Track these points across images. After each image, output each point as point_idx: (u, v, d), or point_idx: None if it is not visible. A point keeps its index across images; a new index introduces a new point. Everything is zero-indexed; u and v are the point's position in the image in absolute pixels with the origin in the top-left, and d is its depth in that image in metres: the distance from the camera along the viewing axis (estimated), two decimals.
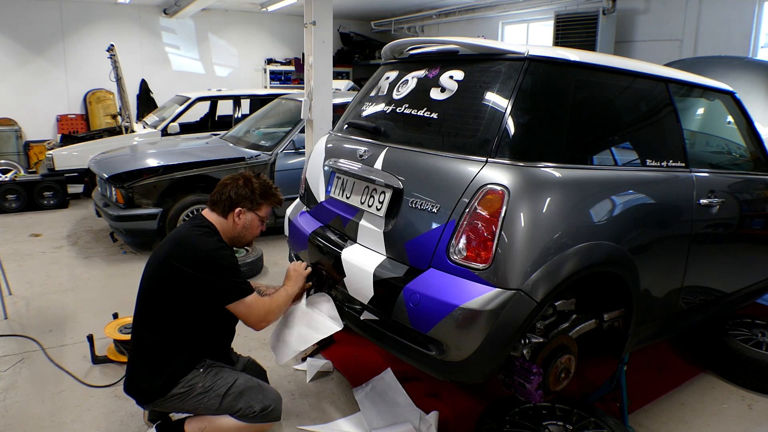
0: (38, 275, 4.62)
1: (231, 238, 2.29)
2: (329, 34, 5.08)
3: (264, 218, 2.37)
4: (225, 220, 2.26)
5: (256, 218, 2.32)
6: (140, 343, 2.21)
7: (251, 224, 2.31)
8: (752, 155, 3.27)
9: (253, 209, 2.29)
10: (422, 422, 2.62)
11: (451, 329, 2.04)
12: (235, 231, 2.28)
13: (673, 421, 2.83)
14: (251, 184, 2.29)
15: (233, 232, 2.28)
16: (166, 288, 2.12)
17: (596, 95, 2.49)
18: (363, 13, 11.30)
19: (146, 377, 2.16)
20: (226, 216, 2.26)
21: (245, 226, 2.29)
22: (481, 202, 2.06)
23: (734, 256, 3.13)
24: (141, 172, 4.96)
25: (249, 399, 2.20)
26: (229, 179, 2.31)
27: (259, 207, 2.31)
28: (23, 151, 9.27)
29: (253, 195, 2.28)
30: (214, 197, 2.28)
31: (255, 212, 2.30)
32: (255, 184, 2.30)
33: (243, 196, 2.26)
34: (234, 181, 2.29)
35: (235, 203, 2.25)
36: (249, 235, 2.33)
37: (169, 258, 2.12)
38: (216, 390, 2.18)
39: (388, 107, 2.71)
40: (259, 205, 2.31)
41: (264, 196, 2.32)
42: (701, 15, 6.47)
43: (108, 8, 10.07)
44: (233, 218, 2.26)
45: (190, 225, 2.25)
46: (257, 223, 2.34)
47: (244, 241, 2.36)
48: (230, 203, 2.25)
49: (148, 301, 2.19)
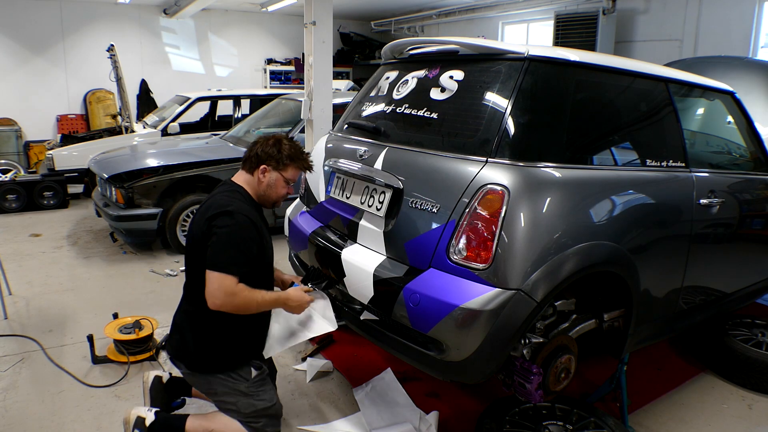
0: (38, 275, 4.62)
1: (258, 196, 2.32)
2: (329, 34, 5.08)
3: (290, 180, 2.36)
4: (251, 176, 2.29)
5: (281, 178, 2.31)
6: (185, 309, 2.28)
7: (276, 183, 2.31)
8: (752, 155, 3.27)
9: (278, 169, 2.29)
10: (422, 422, 2.62)
11: (451, 329, 2.04)
12: (260, 188, 2.30)
13: (673, 421, 2.83)
14: (280, 144, 2.30)
15: (259, 190, 2.31)
16: (197, 252, 2.15)
17: (596, 95, 2.50)
18: (363, 13, 11.30)
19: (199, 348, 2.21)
20: (252, 173, 2.29)
21: (269, 184, 2.30)
22: (481, 202, 2.06)
23: (734, 256, 3.13)
24: (141, 172, 4.96)
25: (267, 423, 2.26)
26: (261, 139, 2.33)
27: (285, 168, 2.30)
28: (23, 151, 9.27)
29: (280, 155, 2.28)
30: (245, 156, 2.32)
31: (280, 172, 2.30)
32: (285, 145, 2.30)
33: (269, 155, 2.27)
34: (265, 141, 2.31)
35: (261, 160, 2.27)
36: (273, 194, 2.33)
37: (198, 219, 2.17)
38: (255, 402, 2.22)
39: (388, 107, 2.71)
40: (285, 166, 2.30)
41: (291, 157, 2.31)
42: (701, 15, 6.47)
43: (108, 8, 10.07)
44: (258, 175, 2.28)
45: (221, 190, 2.28)
46: (282, 183, 2.33)
47: (269, 201, 2.36)
48: (256, 160, 2.28)
49: (190, 269, 2.25)
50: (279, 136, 2.36)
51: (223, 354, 2.21)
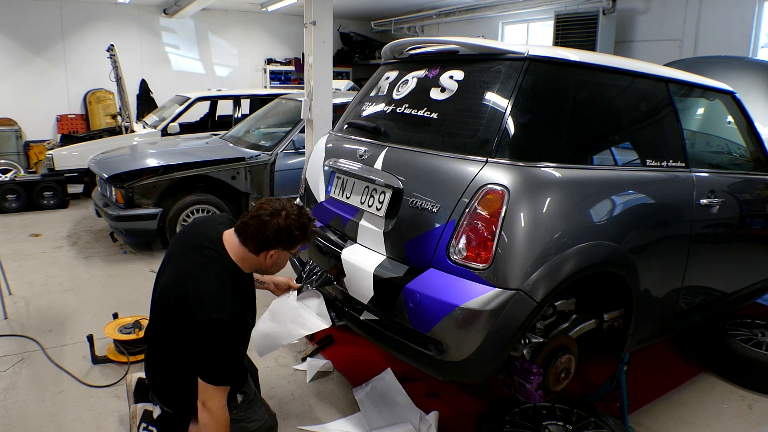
0: (38, 275, 4.62)
1: (256, 270, 2.14)
2: (329, 34, 5.08)
3: (295, 253, 2.19)
4: (256, 257, 2.03)
5: (287, 255, 2.14)
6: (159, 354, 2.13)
7: (282, 261, 2.13)
8: (752, 155, 3.27)
9: (288, 249, 2.08)
10: (422, 422, 2.62)
11: (451, 329, 2.04)
12: (265, 266, 2.10)
13: (673, 421, 2.83)
14: (292, 223, 2.01)
15: (261, 267, 2.10)
16: (174, 318, 2.00)
17: (596, 95, 2.49)
18: (363, 13, 11.30)
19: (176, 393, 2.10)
20: (257, 254, 2.03)
21: (276, 263, 2.11)
22: (481, 202, 2.06)
23: (734, 256, 3.13)
24: (141, 172, 4.96)
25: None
26: (268, 214, 1.99)
27: (294, 247, 2.10)
28: (23, 151, 9.27)
29: (293, 237, 2.03)
30: (249, 232, 1.98)
31: (290, 251, 2.10)
32: (295, 225, 2.02)
33: (282, 240, 2.01)
34: (274, 219, 1.98)
35: (272, 246, 2.01)
36: (276, 270, 2.18)
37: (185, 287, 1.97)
38: (246, 425, 2.18)
39: (388, 107, 2.71)
40: (295, 246, 2.10)
41: (303, 236, 2.07)
42: (701, 15, 6.47)
43: (108, 8, 10.06)
44: (266, 257, 2.04)
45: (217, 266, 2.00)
46: (287, 258, 2.16)
47: (268, 274, 2.22)
48: (267, 245, 2.00)
49: (161, 318, 2.09)
50: (288, 209, 2.03)
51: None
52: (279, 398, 2.90)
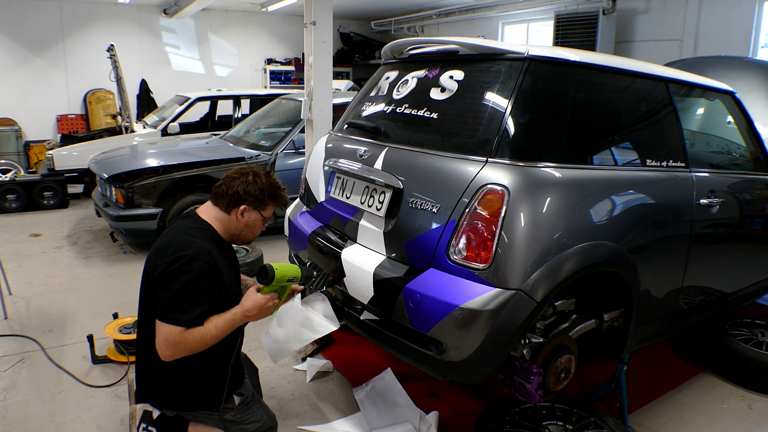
0: (38, 275, 4.62)
1: (231, 235, 2.17)
2: (329, 34, 5.08)
3: (268, 219, 2.25)
4: (227, 215, 2.12)
5: (260, 218, 2.19)
6: (147, 354, 2.07)
7: (254, 223, 2.19)
8: (752, 155, 3.27)
9: (258, 208, 2.15)
10: (422, 422, 2.62)
11: (451, 329, 2.04)
12: (237, 228, 2.16)
13: (673, 421, 2.83)
14: (260, 181, 2.14)
15: (234, 229, 2.15)
16: (151, 295, 1.99)
17: (596, 95, 2.49)
18: (363, 13, 11.30)
19: (172, 391, 2.08)
20: (229, 212, 2.11)
21: (248, 224, 2.16)
22: (481, 202, 2.06)
23: (734, 256, 3.13)
24: (141, 172, 4.96)
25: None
26: (237, 173, 2.15)
27: (264, 207, 2.18)
28: (23, 151, 9.27)
29: (262, 194, 2.13)
30: (219, 190, 2.12)
31: (259, 211, 2.16)
32: (264, 183, 2.15)
33: (250, 194, 2.10)
34: (243, 176, 2.13)
35: (241, 200, 2.10)
36: (250, 234, 2.21)
37: (152, 258, 2.00)
38: (245, 427, 2.17)
39: (388, 107, 2.71)
40: (265, 205, 2.17)
41: (272, 197, 2.18)
42: (701, 15, 6.47)
43: (108, 8, 10.07)
44: (236, 215, 2.11)
45: (183, 226, 2.08)
46: (260, 222, 2.21)
47: (244, 240, 2.24)
48: (236, 199, 2.10)
49: (144, 311, 2.08)
50: (256, 170, 2.18)
51: (202, 395, 2.10)
52: (279, 398, 2.90)
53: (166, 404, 2.12)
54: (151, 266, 2.01)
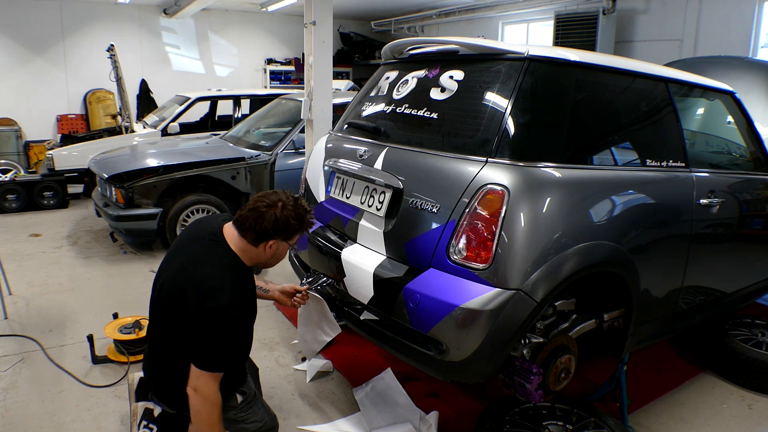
0: (38, 275, 4.62)
1: (256, 263, 2.13)
2: (329, 34, 5.08)
3: (294, 244, 2.19)
4: (255, 248, 2.05)
5: (287, 246, 2.13)
6: (159, 353, 2.12)
7: (281, 253, 2.14)
8: (752, 155, 3.27)
9: (286, 239, 2.10)
10: (422, 422, 2.62)
11: (451, 329, 2.04)
12: (264, 258, 2.10)
13: (673, 420, 2.83)
14: (288, 213, 2.04)
15: (261, 259, 2.10)
16: (174, 312, 2.00)
17: (596, 95, 2.49)
18: (363, 13, 11.30)
19: (176, 391, 2.07)
20: (256, 245, 2.04)
21: (275, 254, 2.12)
22: (481, 202, 2.06)
23: (734, 256, 3.13)
24: (141, 172, 4.96)
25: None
26: (265, 206, 2.02)
27: (292, 237, 2.12)
28: (23, 151, 9.26)
29: (290, 227, 2.05)
30: (247, 224, 2.01)
31: (288, 242, 2.12)
32: (292, 213, 2.05)
33: (280, 230, 2.03)
34: (271, 209, 2.02)
35: (270, 236, 2.03)
36: (276, 261, 2.17)
37: (186, 287, 1.96)
38: (246, 426, 2.17)
39: (388, 107, 2.71)
40: (293, 236, 2.12)
41: (300, 225, 2.09)
42: (701, 15, 6.47)
43: (108, 8, 10.06)
44: (264, 248, 2.05)
45: (214, 255, 2.02)
46: (287, 250, 2.17)
47: (268, 266, 2.22)
48: (265, 235, 2.02)
49: (161, 317, 2.08)
50: (285, 199, 2.06)
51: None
52: (279, 398, 2.90)
53: (173, 403, 2.14)
54: (176, 284, 1.98)
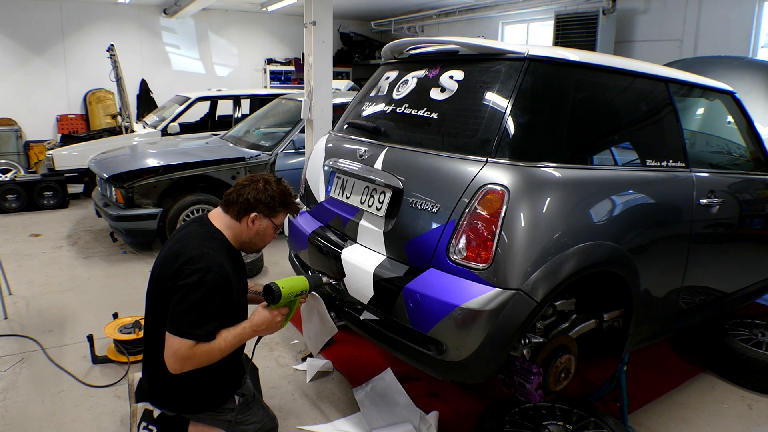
0: (38, 275, 4.62)
1: (241, 243, 2.15)
2: (329, 34, 5.08)
3: (279, 226, 2.22)
4: (238, 223, 2.10)
5: (271, 225, 2.15)
6: (154, 355, 2.09)
7: (265, 231, 2.16)
8: (752, 155, 3.27)
9: (269, 216, 2.12)
10: (422, 422, 2.62)
11: (450, 329, 2.04)
12: (248, 236, 2.12)
13: (673, 421, 2.83)
14: (271, 189, 2.11)
15: (245, 237, 2.13)
16: (161, 299, 1.99)
17: (596, 95, 2.49)
18: (363, 13, 11.30)
19: (175, 392, 2.09)
20: (239, 219, 2.09)
21: (258, 232, 2.14)
22: (481, 202, 2.06)
23: (734, 256, 3.13)
24: (141, 172, 4.96)
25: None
26: (248, 180, 2.12)
27: (276, 214, 2.14)
28: (23, 151, 9.27)
29: (272, 201, 2.10)
30: (230, 197, 2.10)
31: (271, 219, 2.14)
32: (275, 190, 2.12)
33: (261, 201, 2.08)
34: (253, 183, 2.11)
35: (252, 207, 2.08)
36: (261, 242, 2.19)
37: (164, 264, 1.98)
38: (245, 428, 2.18)
39: (388, 107, 2.71)
40: (276, 213, 2.14)
41: (283, 204, 2.14)
42: (701, 15, 6.47)
43: (108, 8, 10.07)
44: (247, 222, 2.09)
45: (196, 233, 2.05)
46: (271, 230, 2.18)
47: (255, 248, 2.21)
48: (247, 206, 2.08)
49: (153, 312, 2.08)
50: (267, 177, 2.15)
51: (205, 397, 2.11)
52: (279, 398, 2.90)
53: (170, 406, 2.13)
54: (161, 272, 1.99)
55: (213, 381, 2.10)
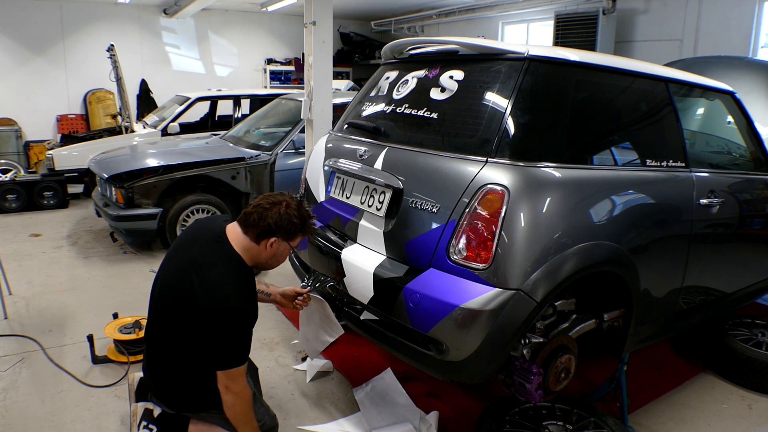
0: (38, 275, 4.62)
1: (257, 263, 2.15)
2: (329, 34, 5.08)
3: (296, 247, 2.22)
4: (257, 246, 2.08)
5: (288, 248, 2.16)
6: (158, 353, 2.12)
7: (282, 253, 2.16)
8: (752, 155, 3.27)
9: (288, 239, 2.12)
10: (422, 422, 2.62)
11: (451, 329, 2.04)
12: (265, 258, 2.12)
13: (673, 421, 2.83)
14: (292, 213, 2.08)
15: (262, 259, 2.12)
16: (180, 311, 2.01)
17: (596, 95, 2.49)
18: (363, 13, 11.30)
19: (178, 391, 2.11)
20: (258, 242, 2.07)
21: (275, 254, 2.14)
22: (481, 202, 2.06)
23: (734, 256, 3.13)
24: (141, 172, 4.96)
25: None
26: (269, 203, 2.09)
27: (294, 238, 2.14)
28: (23, 151, 9.26)
29: (293, 227, 2.09)
30: (251, 219, 2.06)
31: (289, 242, 2.14)
32: (296, 215, 2.10)
33: (282, 227, 2.07)
34: (275, 207, 2.07)
35: (272, 232, 2.06)
36: (276, 263, 2.19)
37: (195, 286, 1.96)
38: None
39: (388, 107, 2.71)
40: (294, 237, 2.14)
41: (302, 228, 2.13)
42: (701, 15, 6.47)
43: (108, 8, 10.06)
44: (266, 245, 2.08)
45: (220, 254, 2.04)
46: (287, 252, 2.19)
47: (269, 268, 2.21)
48: (267, 232, 2.06)
49: (163, 315, 2.09)
50: (288, 200, 2.11)
51: (207, 395, 2.10)
52: (279, 398, 2.90)
53: (171, 404, 2.13)
54: (180, 287, 1.99)
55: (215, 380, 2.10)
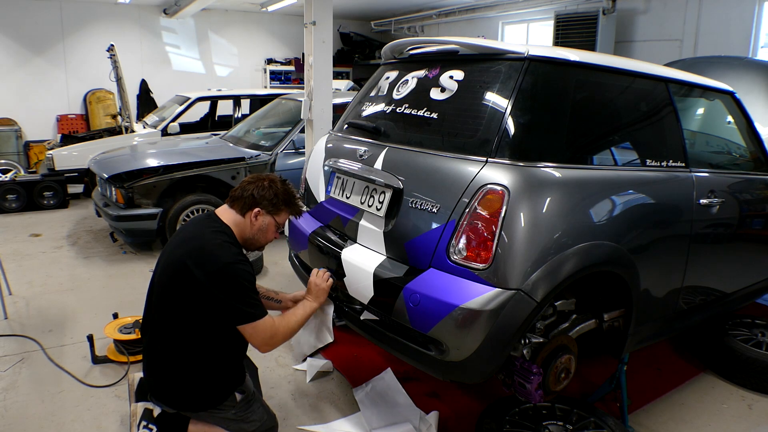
0: (38, 275, 4.62)
1: (244, 239, 2.21)
2: (329, 34, 5.08)
3: (281, 225, 2.29)
4: (242, 218, 2.18)
5: (273, 223, 2.23)
6: (157, 350, 2.14)
7: (267, 228, 2.23)
8: (752, 155, 3.27)
9: (272, 213, 2.21)
10: (422, 422, 2.62)
11: (451, 329, 2.04)
12: (251, 232, 2.20)
13: (673, 421, 2.83)
14: (275, 187, 2.22)
15: (248, 233, 2.20)
16: (177, 291, 2.04)
17: (596, 95, 2.49)
18: (363, 13, 11.30)
19: (177, 390, 2.13)
20: (243, 214, 2.18)
21: (261, 228, 2.21)
22: (481, 202, 2.06)
23: (734, 256, 3.13)
24: (141, 172, 4.96)
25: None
26: (254, 178, 2.24)
27: (278, 212, 2.23)
28: (23, 151, 9.27)
29: (276, 199, 2.20)
30: (236, 193, 2.21)
31: (273, 216, 2.22)
32: (279, 188, 2.23)
33: (265, 197, 2.18)
34: (259, 181, 2.22)
35: (255, 203, 2.17)
36: (263, 238, 2.25)
37: (185, 258, 2.02)
38: (244, 426, 2.19)
39: (388, 107, 2.71)
40: (279, 211, 2.23)
41: (286, 202, 2.24)
42: (701, 15, 6.47)
43: (108, 8, 10.07)
44: (250, 218, 2.18)
45: (207, 227, 2.12)
46: (273, 228, 2.25)
47: (257, 245, 2.27)
48: (251, 202, 2.17)
49: (160, 306, 2.12)
50: (273, 176, 2.26)
51: (207, 394, 2.13)
52: (279, 398, 2.90)
53: (171, 403, 2.14)
54: (177, 266, 2.03)
55: (214, 378, 2.12)
